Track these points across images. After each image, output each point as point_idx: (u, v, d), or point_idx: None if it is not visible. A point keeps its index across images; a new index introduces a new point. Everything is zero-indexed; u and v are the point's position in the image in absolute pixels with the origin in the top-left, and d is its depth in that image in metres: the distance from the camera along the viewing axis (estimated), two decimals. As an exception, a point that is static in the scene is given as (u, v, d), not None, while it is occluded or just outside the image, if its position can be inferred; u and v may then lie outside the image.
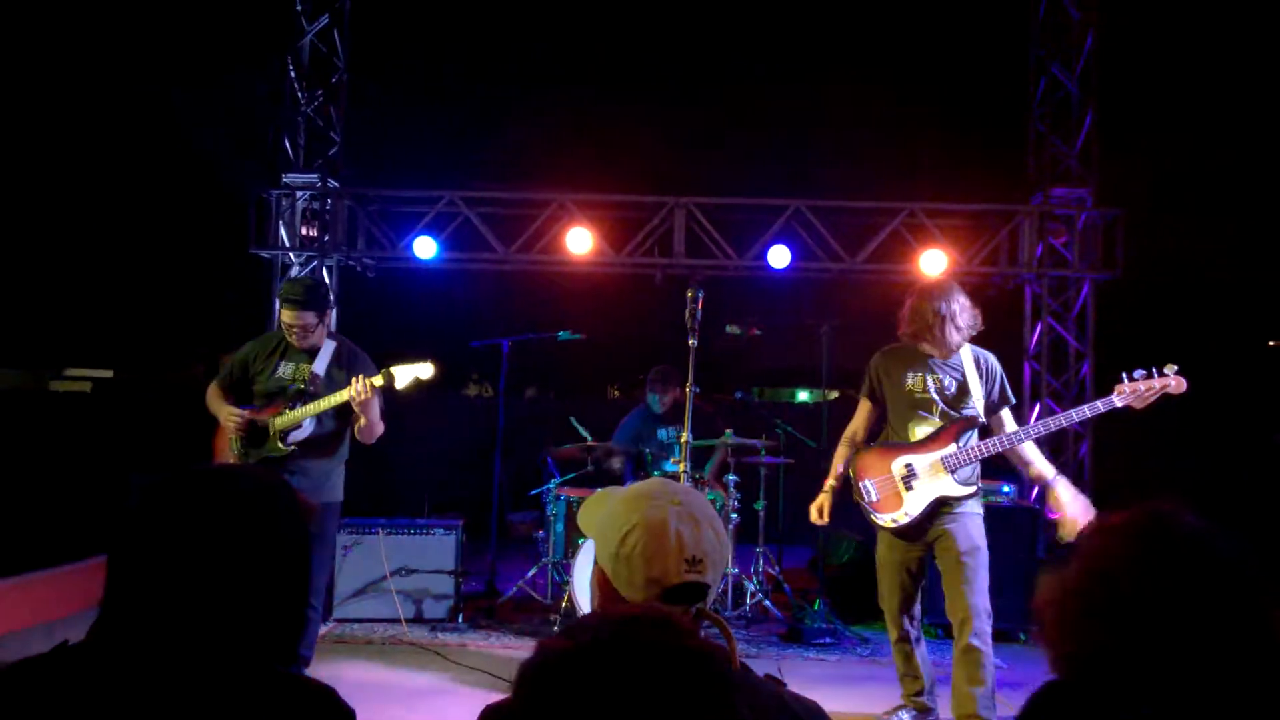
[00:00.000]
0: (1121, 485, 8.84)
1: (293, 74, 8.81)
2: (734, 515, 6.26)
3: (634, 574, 1.62)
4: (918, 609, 4.39)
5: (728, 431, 6.41)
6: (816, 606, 6.08)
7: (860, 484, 4.32)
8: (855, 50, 9.21)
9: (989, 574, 5.76)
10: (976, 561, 4.16)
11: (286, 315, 4.36)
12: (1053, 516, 4.25)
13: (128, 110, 10.43)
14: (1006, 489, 6.25)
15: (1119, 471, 8.91)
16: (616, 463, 6.88)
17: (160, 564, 1.42)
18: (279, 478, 1.64)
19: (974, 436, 4.23)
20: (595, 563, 1.73)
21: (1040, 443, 4.47)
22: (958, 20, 9.13)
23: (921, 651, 4.39)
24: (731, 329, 6.35)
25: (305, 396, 4.34)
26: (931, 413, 4.24)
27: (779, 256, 8.35)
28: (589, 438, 6.71)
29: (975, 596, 4.10)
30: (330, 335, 4.54)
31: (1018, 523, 6.05)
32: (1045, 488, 4.24)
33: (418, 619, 5.92)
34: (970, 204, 8.80)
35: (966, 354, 4.32)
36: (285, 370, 4.42)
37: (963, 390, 4.25)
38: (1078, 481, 8.64)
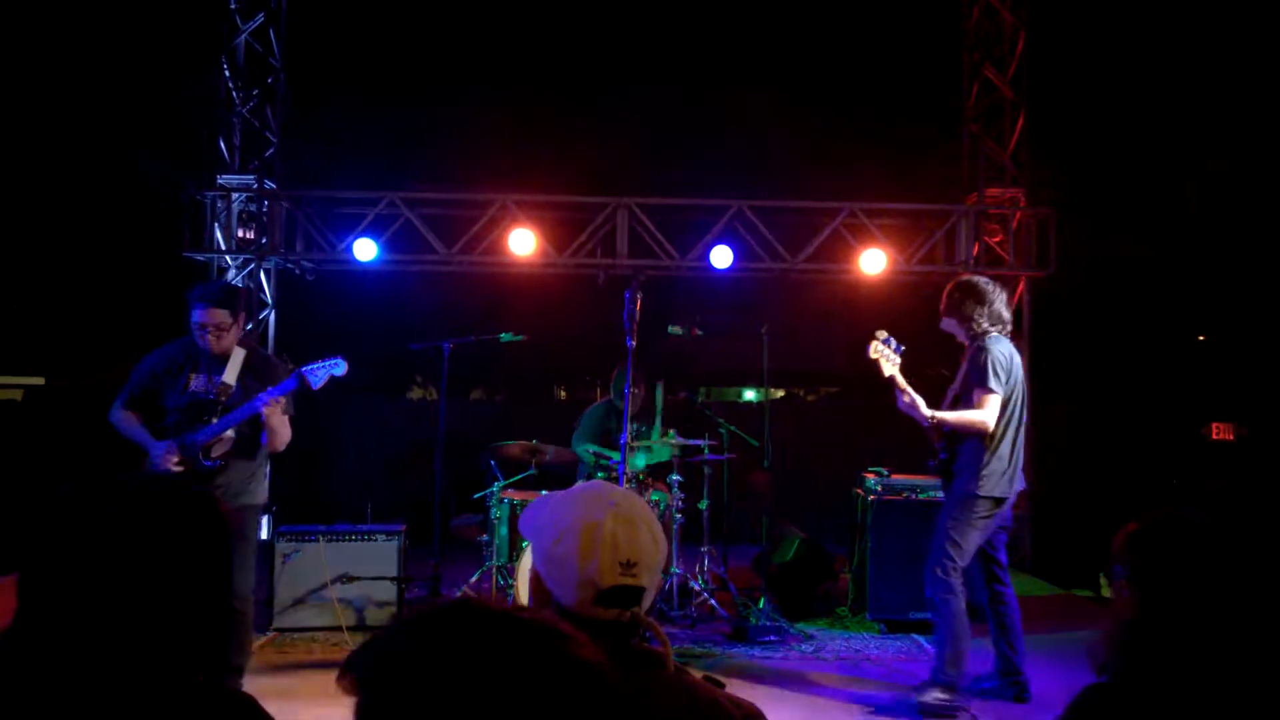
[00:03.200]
0: (1057, 482, 9.05)
1: (227, 74, 8.65)
2: (678, 516, 6.28)
3: (567, 576, 1.61)
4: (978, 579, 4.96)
5: (670, 432, 6.43)
6: (761, 605, 6.13)
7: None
8: (796, 53, 9.31)
9: None
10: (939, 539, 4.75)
11: (198, 314, 4.20)
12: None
13: (56, 110, 10.15)
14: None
15: (1053, 468, 9.12)
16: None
17: (72, 574, 1.40)
18: (193, 485, 1.61)
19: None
20: (532, 565, 1.73)
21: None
22: (894, 24, 9.27)
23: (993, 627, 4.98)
24: (674, 329, 6.38)
25: (219, 408, 4.23)
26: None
27: (721, 257, 8.40)
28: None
29: (926, 574, 4.78)
30: (239, 343, 4.39)
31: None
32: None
33: (360, 627, 5.83)
34: (908, 204, 8.94)
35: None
36: (198, 383, 4.29)
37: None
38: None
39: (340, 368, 4.41)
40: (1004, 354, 4.72)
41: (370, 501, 7.02)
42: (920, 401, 4.57)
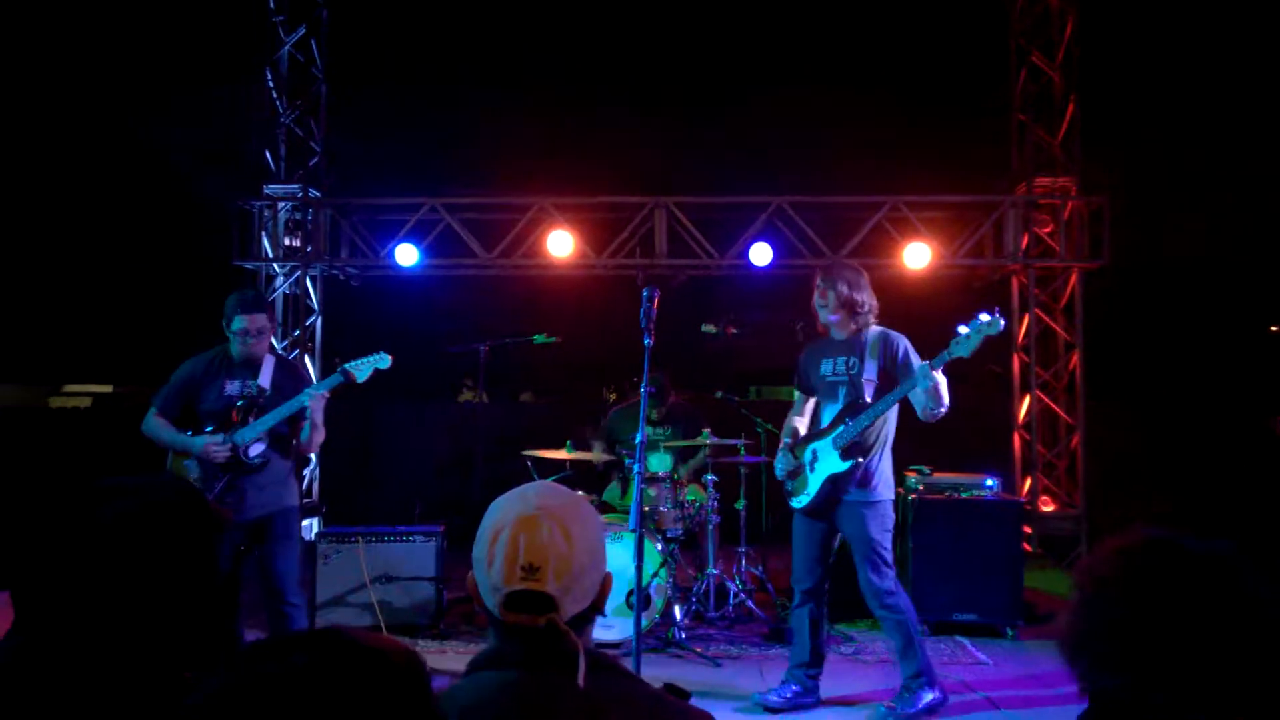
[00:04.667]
0: (1115, 477, 8.78)
1: (271, 85, 8.83)
2: (715, 516, 6.21)
3: (482, 580, 1.59)
4: (821, 582, 4.66)
5: (705, 431, 6.37)
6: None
7: (786, 483, 4.79)
8: (833, 44, 9.17)
9: (976, 569, 5.90)
10: (869, 549, 4.46)
11: (242, 321, 4.36)
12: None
13: (114, 126, 10.47)
14: (990, 483, 6.18)
15: (1111, 463, 8.85)
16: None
17: (65, 576, 1.42)
18: (187, 486, 1.63)
19: (864, 414, 4.41)
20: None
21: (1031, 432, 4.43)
22: (937, 11, 9.08)
23: (818, 628, 4.67)
24: (708, 328, 6.33)
25: (258, 410, 4.38)
26: (838, 398, 4.54)
27: (761, 254, 8.33)
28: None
29: (869, 582, 4.47)
30: (269, 350, 4.58)
31: (1001, 516, 5.99)
32: (928, 395, 4.25)
33: (398, 626, 5.88)
34: (954, 195, 8.74)
35: (871, 336, 4.56)
36: (233, 388, 4.44)
37: (860, 372, 4.50)
38: (1070, 472, 8.62)
39: (385, 361, 4.53)
40: None
41: (418, 503, 7.10)
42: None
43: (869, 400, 4.44)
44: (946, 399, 4.25)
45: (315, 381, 4.50)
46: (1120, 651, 1.40)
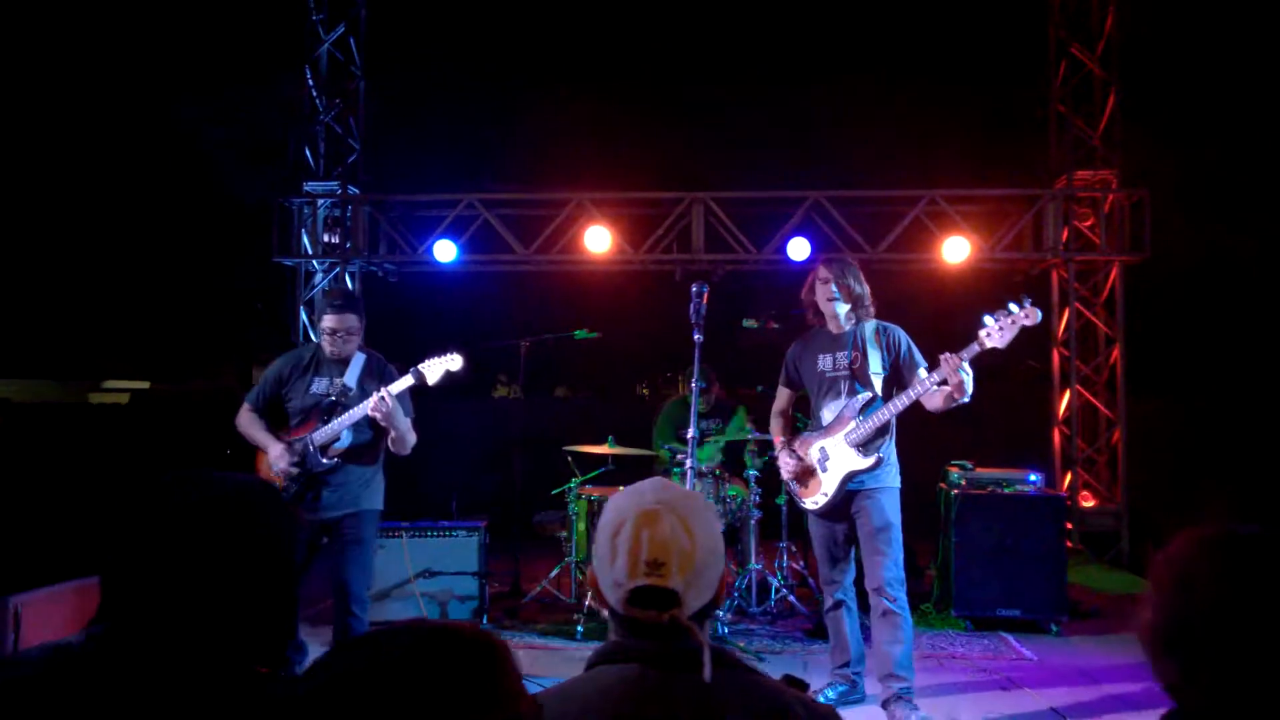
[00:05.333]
0: (1156, 472, 8.69)
1: (311, 83, 8.91)
2: (756, 511, 6.22)
3: (603, 574, 1.59)
4: (850, 579, 4.57)
5: (747, 427, 6.39)
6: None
7: (787, 484, 4.64)
8: (870, 36, 9.12)
9: (1020, 565, 5.78)
10: (888, 537, 4.34)
11: (330, 321, 4.38)
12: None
13: (152, 126, 10.60)
14: (1033, 478, 6.14)
15: (1153, 458, 8.75)
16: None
17: (149, 568, 1.45)
18: (266, 484, 1.66)
19: (878, 409, 4.31)
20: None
21: (1071, 427, 4.34)
22: (975, 2, 9.00)
23: (852, 623, 4.56)
24: (749, 323, 6.32)
25: (339, 409, 4.37)
26: (840, 393, 4.41)
27: (799, 249, 8.31)
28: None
29: (890, 567, 4.33)
30: (360, 348, 4.55)
31: (1044, 512, 5.94)
32: (956, 389, 4.04)
33: (443, 621, 5.93)
34: (992, 189, 8.68)
35: (869, 329, 4.44)
36: (320, 386, 4.44)
37: (864, 366, 4.37)
38: (1110, 467, 8.54)
39: (456, 362, 4.51)
40: None
41: (456, 498, 7.14)
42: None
43: (878, 393, 4.35)
44: (970, 390, 4.04)
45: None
46: (1214, 648, 1.37)
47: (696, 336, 3.92)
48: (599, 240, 8.42)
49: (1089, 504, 8.53)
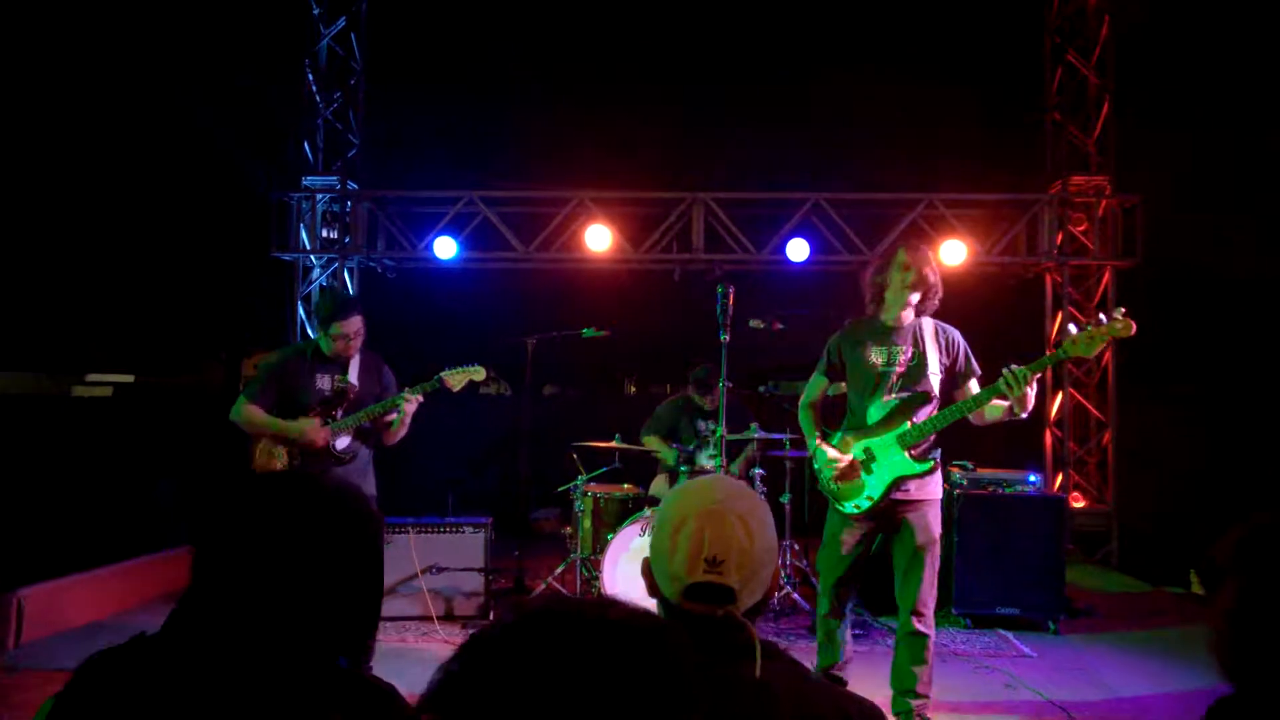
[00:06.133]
0: (1143, 475, 8.82)
1: (311, 78, 8.88)
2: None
3: (661, 568, 1.64)
4: (853, 588, 4.31)
5: (752, 425, 6.44)
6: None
7: (827, 483, 4.23)
8: (870, 41, 9.20)
9: (1019, 564, 5.84)
10: (931, 555, 4.12)
11: (347, 325, 4.49)
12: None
13: (146, 115, 10.49)
14: (1033, 479, 6.24)
15: (1141, 461, 8.89)
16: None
17: (245, 562, 1.47)
18: (356, 485, 1.69)
19: (931, 412, 4.10)
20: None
21: (1063, 429, 4.37)
22: (973, 9, 9.10)
23: (845, 631, 4.34)
24: (754, 323, 6.37)
25: (351, 405, 4.54)
26: (892, 390, 4.11)
27: (798, 250, 8.38)
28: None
29: (927, 588, 4.11)
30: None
31: (1044, 512, 6.04)
32: (1017, 402, 3.89)
33: (449, 617, 5.96)
34: (988, 193, 8.79)
35: (927, 326, 4.18)
36: (324, 382, 4.58)
37: (921, 363, 4.11)
38: (1100, 468, 8.67)
39: (480, 373, 4.70)
40: None
41: (450, 495, 7.15)
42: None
43: (935, 394, 4.11)
44: (1031, 406, 3.94)
45: (394, 379, 4.65)
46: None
47: (723, 336, 3.94)
48: (599, 239, 8.46)
49: (1079, 505, 8.66)
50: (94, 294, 14.06)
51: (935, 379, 4.13)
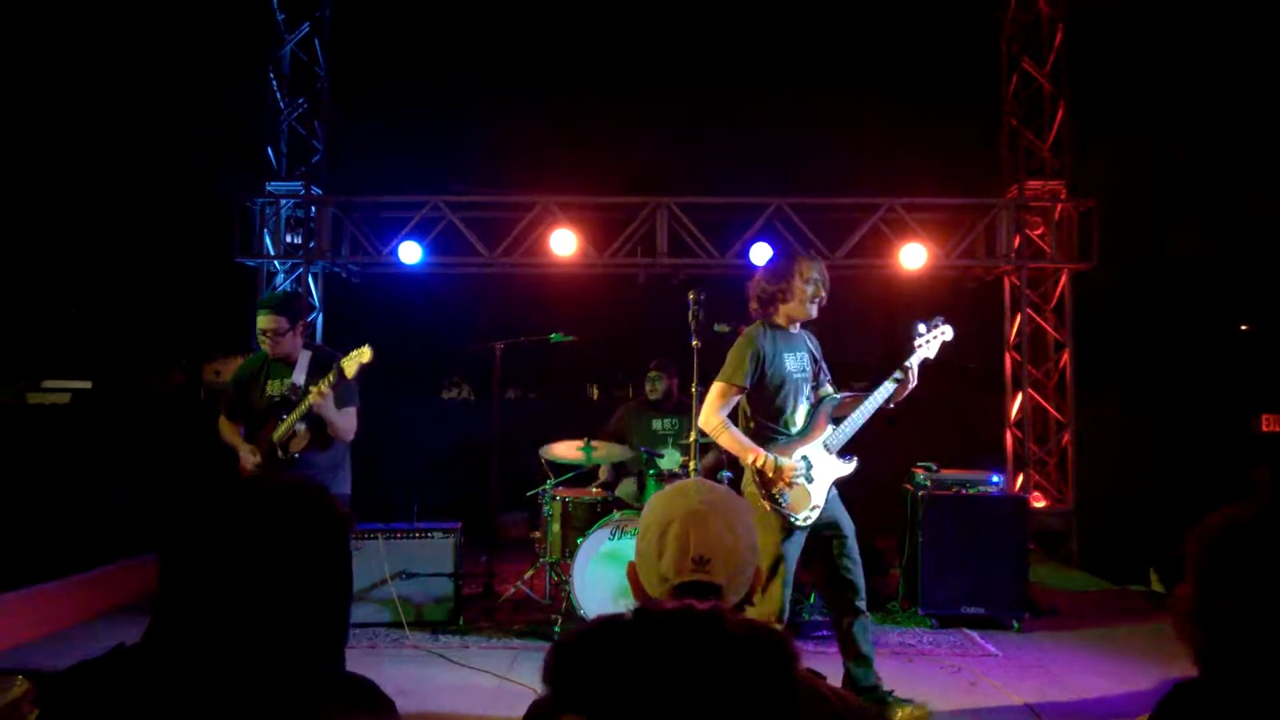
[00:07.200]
0: (1101, 474, 9.02)
1: (274, 83, 8.81)
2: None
3: (649, 570, 1.70)
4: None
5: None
6: (812, 600, 6.16)
7: (772, 492, 4.14)
8: (831, 49, 9.32)
9: (983, 564, 5.98)
10: (855, 540, 4.38)
11: (260, 321, 4.53)
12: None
13: (107, 119, 10.35)
14: (995, 479, 6.36)
15: (1100, 460, 9.08)
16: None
17: (214, 568, 1.48)
18: (323, 487, 1.70)
19: (842, 412, 4.36)
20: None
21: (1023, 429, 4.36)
22: (932, 17, 9.26)
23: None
24: (720, 327, 6.40)
25: (290, 406, 4.49)
26: (806, 396, 4.34)
27: (761, 254, 8.45)
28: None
29: (862, 572, 4.38)
30: (306, 345, 4.66)
31: (1007, 512, 6.16)
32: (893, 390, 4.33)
33: (418, 622, 5.94)
34: (947, 198, 8.93)
35: (804, 332, 4.47)
36: (273, 387, 4.60)
37: (816, 368, 4.42)
38: (1060, 467, 8.84)
39: (367, 353, 4.42)
40: None
41: (415, 499, 7.13)
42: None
43: (833, 396, 4.43)
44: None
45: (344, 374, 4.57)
46: (1245, 620, 1.42)
47: (694, 342, 4.01)
48: (564, 243, 8.48)
49: (1040, 504, 8.82)
50: (49, 300, 13.83)
51: (827, 381, 4.48)
